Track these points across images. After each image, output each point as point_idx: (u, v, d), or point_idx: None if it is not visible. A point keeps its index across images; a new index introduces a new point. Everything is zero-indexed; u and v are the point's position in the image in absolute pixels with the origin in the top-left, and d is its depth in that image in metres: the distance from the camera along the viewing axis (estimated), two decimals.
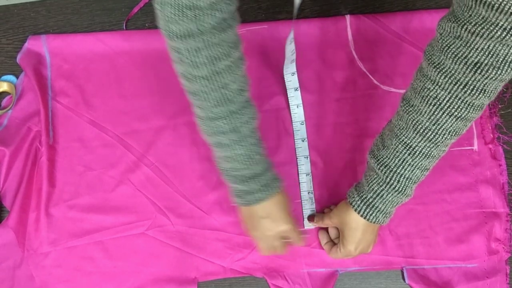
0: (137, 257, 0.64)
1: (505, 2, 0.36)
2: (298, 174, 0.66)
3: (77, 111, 0.68)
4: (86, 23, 0.72)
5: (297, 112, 0.67)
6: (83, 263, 0.63)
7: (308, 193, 0.65)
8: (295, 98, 0.67)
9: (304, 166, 0.66)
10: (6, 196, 0.65)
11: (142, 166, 0.66)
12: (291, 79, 0.66)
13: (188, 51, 0.45)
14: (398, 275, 0.63)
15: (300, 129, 0.67)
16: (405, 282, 0.62)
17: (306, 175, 0.65)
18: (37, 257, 0.63)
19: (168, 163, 0.66)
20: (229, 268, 0.63)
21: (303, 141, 0.66)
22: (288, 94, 0.67)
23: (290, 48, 0.61)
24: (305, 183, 0.65)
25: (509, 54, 0.41)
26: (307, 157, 0.66)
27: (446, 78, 0.45)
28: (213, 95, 0.48)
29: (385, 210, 0.52)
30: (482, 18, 0.40)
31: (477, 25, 0.40)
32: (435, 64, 0.45)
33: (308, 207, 0.64)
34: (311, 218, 0.63)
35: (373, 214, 0.52)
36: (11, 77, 0.70)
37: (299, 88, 0.66)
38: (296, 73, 0.66)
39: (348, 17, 0.70)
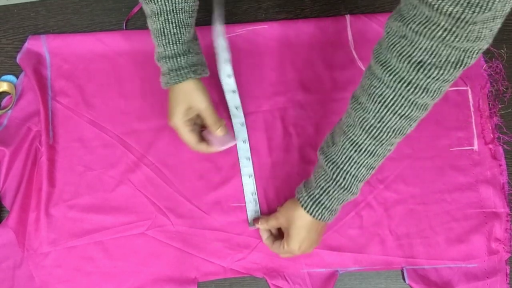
0: (137, 257, 0.64)
1: (443, 3, 0.37)
2: (241, 176, 0.65)
3: (77, 111, 0.68)
4: (86, 23, 0.72)
5: (236, 113, 0.66)
6: (83, 263, 0.63)
7: (252, 194, 0.65)
8: (232, 100, 0.65)
9: (247, 168, 0.65)
10: (6, 196, 0.65)
11: (142, 166, 0.66)
12: (228, 82, 0.63)
13: None
14: (398, 275, 0.63)
15: (240, 130, 0.66)
16: (405, 282, 0.62)
17: (249, 176, 0.65)
18: (37, 257, 0.63)
19: (168, 163, 0.66)
20: (229, 268, 0.63)
21: (244, 142, 0.66)
22: (226, 96, 0.64)
23: (220, 44, 0.59)
24: (249, 185, 0.65)
25: (451, 55, 0.42)
26: (249, 158, 0.65)
27: (391, 76, 0.45)
28: None
29: (330, 207, 0.53)
30: (426, 17, 0.41)
31: (421, 24, 0.41)
32: (381, 62, 0.46)
33: (252, 209, 0.64)
34: (256, 220, 0.63)
35: (319, 211, 0.53)
36: (11, 77, 0.70)
37: (236, 90, 0.64)
38: (232, 75, 0.63)
39: (348, 17, 0.70)
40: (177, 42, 0.54)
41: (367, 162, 0.50)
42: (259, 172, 0.66)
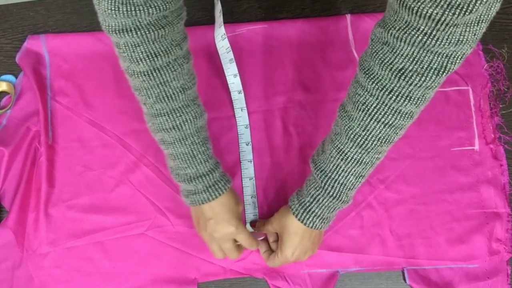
0: (136, 257, 0.63)
1: (423, 6, 0.37)
2: (241, 178, 0.65)
3: (77, 111, 0.68)
4: (85, 22, 0.71)
5: (241, 115, 0.66)
6: (82, 264, 0.63)
7: (251, 197, 0.64)
8: (239, 101, 0.66)
9: (248, 170, 0.65)
10: (5, 196, 0.65)
11: (141, 166, 0.66)
12: (234, 81, 0.65)
13: (126, 45, 0.46)
14: (399, 276, 0.63)
15: (244, 133, 0.66)
16: (406, 282, 0.62)
17: (250, 179, 0.65)
18: (36, 257, 0.63)
19: None
20: (229, 269, 0.63)
21: (247, 145, 0.66)
22: (232, 97, 0.66)
23: (222, 45, 0.59)
24: (249, 187, 0.65)
25: (433, 61, 0.41)
26: (251, 161, 0.65)
27: (374, 84, 0.45)
28: (154, 92, 0.49)
29: (321, 215, 0.53)
30: (405, 22, 0.40)
31: (401, 30, 0.41)
32: (365, 70, 0.46)
33: (250, 212, 0.64)
34: (253, 223, 0.63)
35: (310, 219, 0.53)
36: (10, 77, 0.70)
37: (242, 91, 0.65)
38: (238, 75, 0.64)
39: (348, 16, 0.70)
40: (208, 158, 0.54)
41: (355, 171, 0.50)
42: (259, 172, 0.66)
